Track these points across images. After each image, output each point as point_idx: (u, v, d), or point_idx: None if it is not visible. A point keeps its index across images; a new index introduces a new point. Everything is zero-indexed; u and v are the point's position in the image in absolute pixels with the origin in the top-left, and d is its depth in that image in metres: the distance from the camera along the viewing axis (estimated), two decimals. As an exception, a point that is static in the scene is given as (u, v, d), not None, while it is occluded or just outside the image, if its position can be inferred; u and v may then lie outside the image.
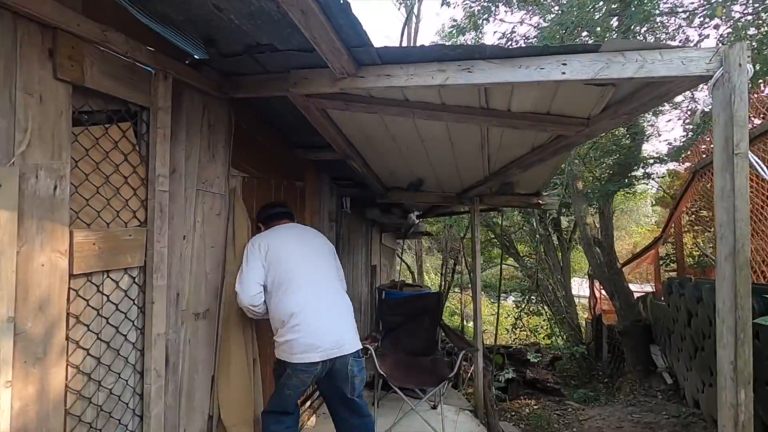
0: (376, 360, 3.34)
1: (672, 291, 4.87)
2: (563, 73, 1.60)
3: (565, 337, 9.02)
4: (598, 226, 7.39)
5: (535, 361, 6.26)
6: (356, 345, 2.23)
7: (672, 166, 7.17)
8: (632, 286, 7.06)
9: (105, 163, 1.63)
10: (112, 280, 1.65)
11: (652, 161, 6.54)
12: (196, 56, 1.91)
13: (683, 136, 7.70)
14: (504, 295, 14.13)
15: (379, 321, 4.13)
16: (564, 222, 11.47)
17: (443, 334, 4.00)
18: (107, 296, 1.63)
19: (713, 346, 3.48)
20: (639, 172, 6.67)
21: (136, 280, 1.77)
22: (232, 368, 2.30)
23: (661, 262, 5.40)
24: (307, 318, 2.12)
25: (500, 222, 5.53)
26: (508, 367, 6.30)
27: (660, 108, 7.11)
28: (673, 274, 7.00)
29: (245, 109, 2.52)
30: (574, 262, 13.67)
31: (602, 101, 1.89)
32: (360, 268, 5.41)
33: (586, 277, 13.28)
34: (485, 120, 2.13)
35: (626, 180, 6.21)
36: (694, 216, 4.42)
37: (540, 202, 3.65)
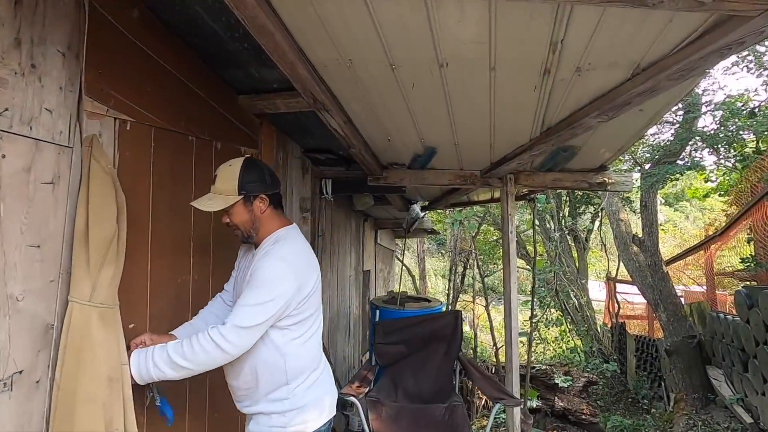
0: (363, 413, 2.23)
1: (755, 304, 3.77)
2: None
3: (588, 351, 7.90)
4: (631, 222, 6.30)
5: (565, 386, 5.15)
6: None
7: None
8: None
9: None
10: None
11: (726, 136, 5.29)
12: None
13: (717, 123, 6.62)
14: (500, 298, 12.99)
15: (371, 352, 3.00)
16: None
17: (462, 371, 2.87)
18: None
19: None
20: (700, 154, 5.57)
21: None
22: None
23: (742, 265, 4.29)
24: (326, 366, 1.63)
25: (533, 213, 4.39)
26: (531, 386, 5.18)
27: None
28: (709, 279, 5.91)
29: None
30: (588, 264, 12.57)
31: None
32: (348, 275, 4.27)
33: (603, 280, 12.22)
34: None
35: (689, 162, 5.09)
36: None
37: (607, 180, 2.54)
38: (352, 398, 2.10)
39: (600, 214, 9.53)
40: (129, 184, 1.41)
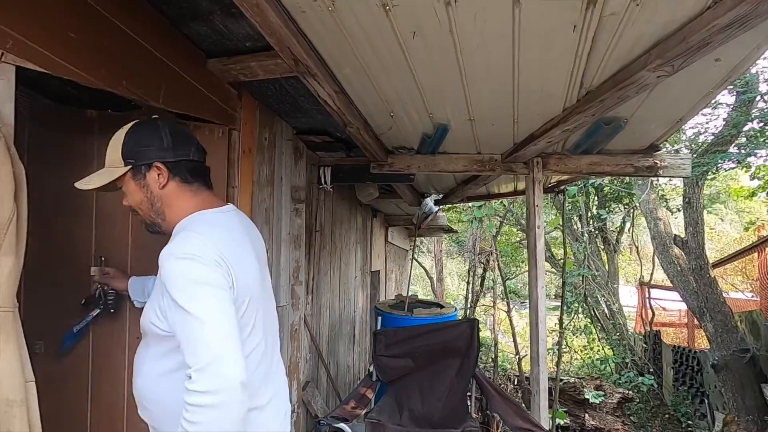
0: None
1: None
2: None
3: (621, 362, 7.29)
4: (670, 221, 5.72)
5: (597, 401, 4.65)
6: None
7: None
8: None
9: None
10: None
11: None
12: None
13: None
14: (524, 302, 12.39)
15: (374, 366, 2.60)
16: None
17: (479, 392, 2.46)
18: None
19: None
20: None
21: None
22: None
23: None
24: (277, 401, 1.13)
25: (562, 210, 3.93)
26: (558, 407, 4.69)
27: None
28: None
29: None
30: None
31: None
32: (353, 276, 3.90)
33: (634, 284, 11.48)
34: None
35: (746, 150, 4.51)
36: None
37: (659, 163, 2.10)
38: (341, 425, 1.74)
39: (632, 213, 8.86)
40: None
